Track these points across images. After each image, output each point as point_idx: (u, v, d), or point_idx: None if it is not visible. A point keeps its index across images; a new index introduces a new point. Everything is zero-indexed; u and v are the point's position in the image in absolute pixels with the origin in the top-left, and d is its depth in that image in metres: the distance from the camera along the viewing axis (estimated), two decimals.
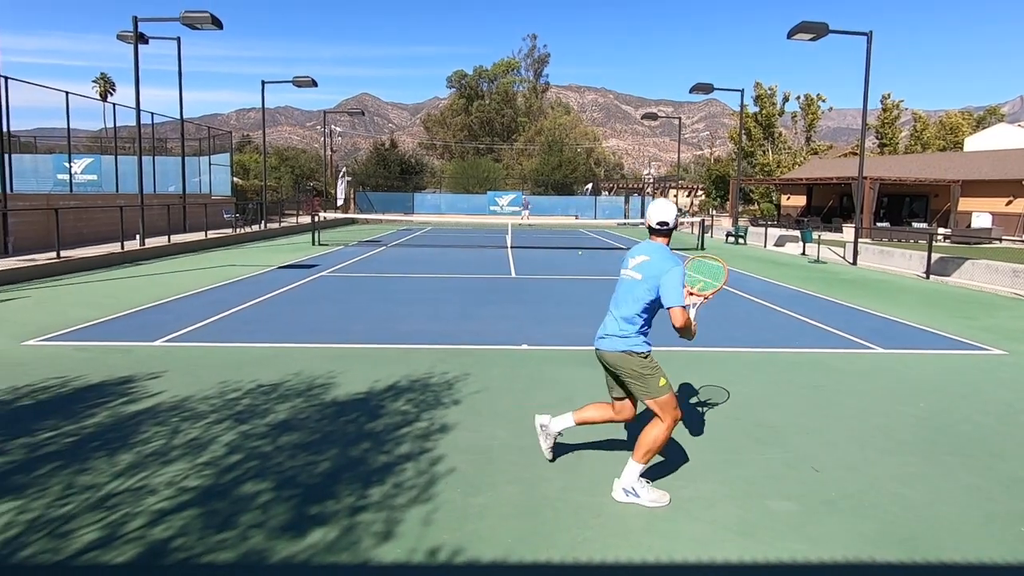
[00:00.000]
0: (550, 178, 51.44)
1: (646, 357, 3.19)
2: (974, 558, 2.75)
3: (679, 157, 37.51)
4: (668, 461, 3.70)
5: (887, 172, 31.56)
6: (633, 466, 3.18)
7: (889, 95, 47.25)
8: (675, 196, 45.51)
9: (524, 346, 6.48)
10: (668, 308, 3.08)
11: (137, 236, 15.06)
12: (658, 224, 3.26)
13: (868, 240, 21.73)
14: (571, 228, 31.38)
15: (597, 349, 3.33)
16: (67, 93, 18.38)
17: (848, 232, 22.76)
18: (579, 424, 3.50)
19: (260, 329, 7.09)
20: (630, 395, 3.35)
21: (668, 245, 3.30)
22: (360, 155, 71.55)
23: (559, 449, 3.84)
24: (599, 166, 64.15)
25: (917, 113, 49.44)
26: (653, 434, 3.16)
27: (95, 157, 24.69)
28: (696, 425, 4.30)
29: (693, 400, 4.84)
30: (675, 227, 3.30)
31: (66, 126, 19.26)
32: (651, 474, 3.52)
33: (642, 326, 3.22)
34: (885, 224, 28.12)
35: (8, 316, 7.61)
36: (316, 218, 21.34)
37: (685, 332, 3.11)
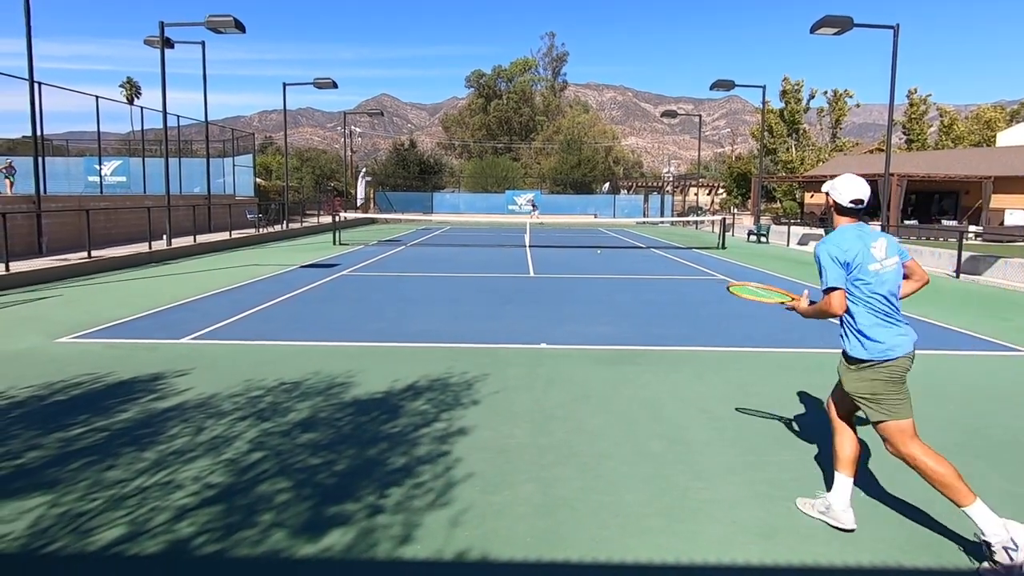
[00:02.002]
0: (569, 177, 51.30)
1: None
2: None
3: (699, 155, 37.10)
4: (689, 461, 3.66)
5: (915, 168, 30.80)
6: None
7: (916, 90, 46.17)
8: (695, 194, 45.02)
9: (543, 345, 6.47)
10: (908, 262, 2.89)
11: (164, 236, 15.40)
12: (852, 203, 2.80)
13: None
14: (590, 227, 31.26)
15: (911, 355, 2.74)
16: (97, 97, 18.89)
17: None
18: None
19: (282, 327, 7.20)
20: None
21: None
22: (380, 155, 72.19)
23: (577, 449, 3.83)
24: (618, 164, 63.78)
25: (943, 108, 48.14)
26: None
27: (123, 159, 25.33)
28: (718, 426, 4.25)
29: (719, 400, 4.78)
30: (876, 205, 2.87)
31: (96, 129, 19.78)
32: (669, 477, 3.49)
33: None
34: (913, 222, 27.44)
35: (42, 314, 7.84)
36: (337, 218, 21.59)
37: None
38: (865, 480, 3.45)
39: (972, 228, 24.35)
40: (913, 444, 2.69)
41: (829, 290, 2.76)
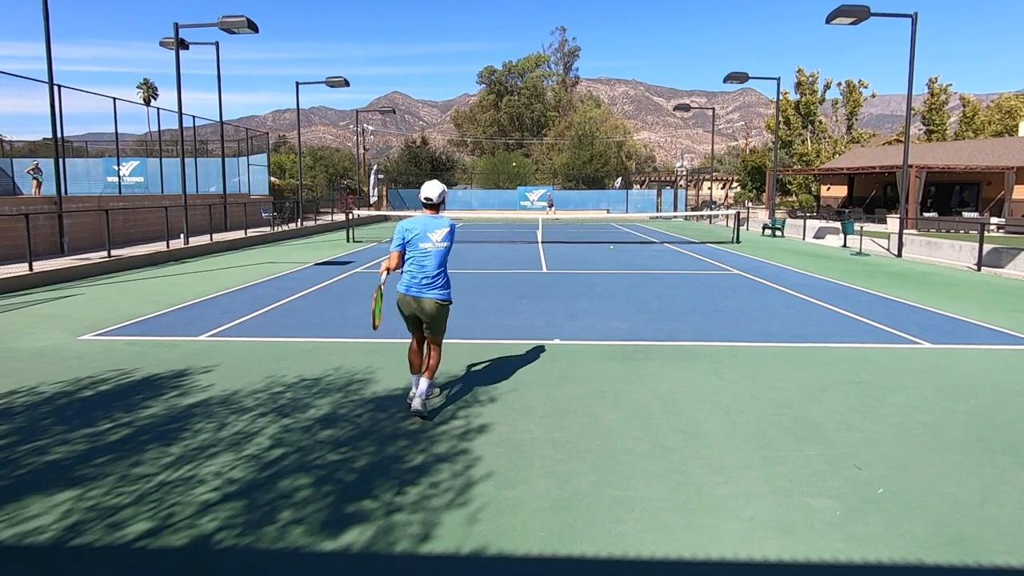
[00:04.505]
0: (581, 172, 51.09)
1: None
2: None
3: (713, 148, 36.73)
4: (705, 456, 3.66)
5: (934, 159, 30.25)
6: (428, 383, 4.27)
7: (936, 79, 45.22)
8: (709, 188, 44.61)
9: (556, 340, 6.48)
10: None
11: (181, 235, 15.63)
12: (424, 200, 4.28)
13: (914, 231, 20.90)
14: (602, 222, 31.13)
15: (416, 297, 4.19)
16: (115, 99, 19.16)
17: (892, 223, 21.92)
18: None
19: (300, 324, 7.28)
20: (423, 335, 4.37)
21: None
22: (392, 153, 72.47)
23: (592, 444, 3.84)
24: (630, 159, 63.41)
25: (966, 97, 47.12)
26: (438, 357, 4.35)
27: (141, 160, 25.71)
28: (734, 421, 4.23)
29: (730, 394, 4.76)
30: (440, 203, 4.29)
31: (114, 131, 20.08)
32: (685, 472, 3.49)
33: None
34: (932, 214, 26.96)
35: (66, 312, 8.01)
36: (350, 215, 21.73)
37: None
38: (885, 473, 3.43)
39: (993, 220, 23.87)
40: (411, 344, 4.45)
41: (392, 251, 4.27)
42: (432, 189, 4.27)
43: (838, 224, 20.94)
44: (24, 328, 7.10)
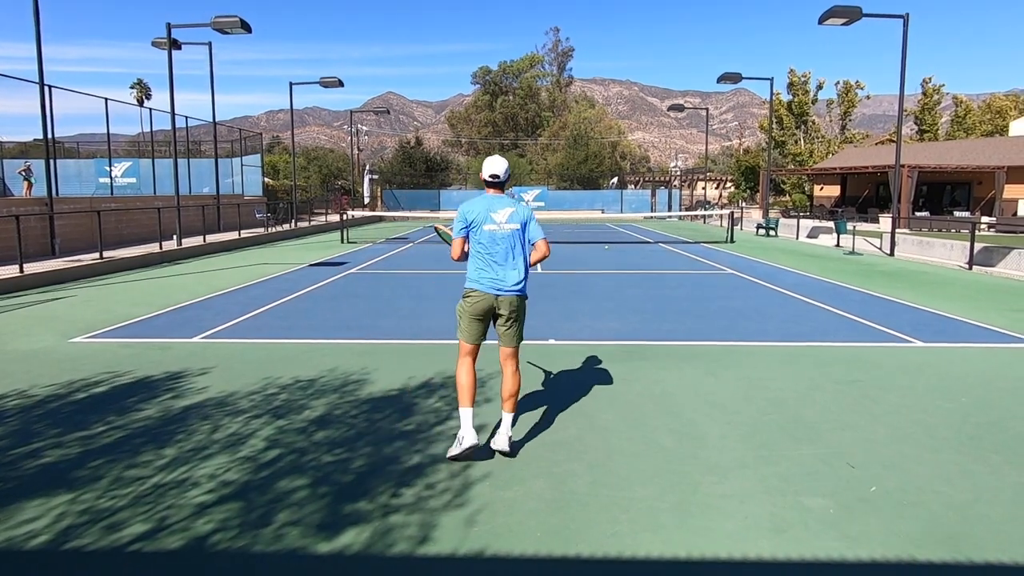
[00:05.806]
0: (575, 172, 51.13)
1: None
2: (1022, 559, 2.66)
3: (707, 148, 36.85)
4: (700, 456, 3.67)
5: (926, 159, 30.48)
6: (513, 416, 3.71)
7: (930, 79, 45.56)
8: (703, 188, 44.79)
9: (551, 341, 6.49)
10: (538, 241, 3.71)
11: (174, 236, 15.54)
12: (490, 178, 3.69)
13: (906, 230, 21.04)
14: (597, 222, 31.19)
15: (497, 296, 3.63)
16: (106, 100, 19.04)
17: (885, 222, 22.08)
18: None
19: (295, 325, 7.26)
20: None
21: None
22: (386, 153, 72.34)
23: (587, 445, 3.85)
24: (625, 159, 63.50)
25: (959, 97, 47.48)
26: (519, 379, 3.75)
27: (134, 161, 25.54)
28: (729, 421, 4.25)
29: (727, 395, 4.78)
30: (507, 180, 3.74)
31: (106, 131, 19.96)
32: (680, 472, 3.51)
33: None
34: (924, 213, 27.15)
35: (57, 314, 7.95)
36: (344, 216, 21.68)
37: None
38: (878, 472, 3.45)
39: (984, 219, 24.08)
40: (460, 361, 3.71)
41: (455, 237, 3.74)
42: (497, 164, 3.65)
43: (831, 224, 21.07)
44: (15, 330, 7.05)
